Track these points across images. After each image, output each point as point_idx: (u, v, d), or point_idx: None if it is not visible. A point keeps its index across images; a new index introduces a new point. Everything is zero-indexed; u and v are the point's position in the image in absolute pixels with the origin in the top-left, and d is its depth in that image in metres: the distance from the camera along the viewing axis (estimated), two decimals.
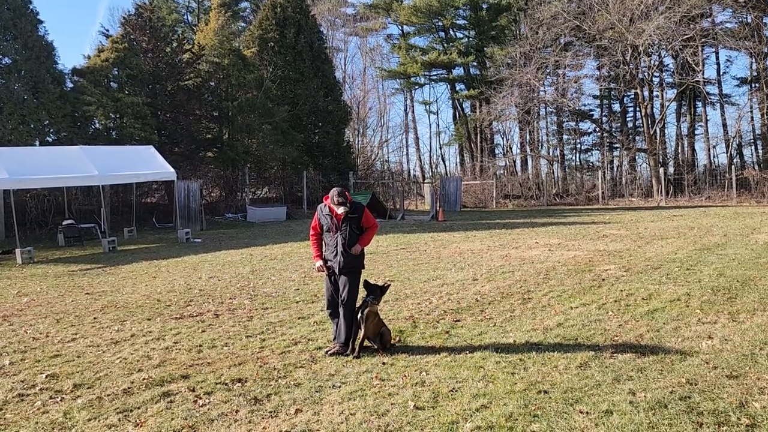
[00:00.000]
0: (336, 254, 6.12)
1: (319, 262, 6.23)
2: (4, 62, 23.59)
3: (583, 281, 9.45)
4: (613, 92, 42.16)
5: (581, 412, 4.37)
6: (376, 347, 6.12)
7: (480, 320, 7.24)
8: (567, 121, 44.95)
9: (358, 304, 6.17)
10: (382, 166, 46.34)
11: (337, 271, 6.13)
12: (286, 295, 9.29)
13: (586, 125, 45.10)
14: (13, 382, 5.54)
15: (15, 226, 16.91)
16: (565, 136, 45.37)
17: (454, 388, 4.95)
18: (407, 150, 52.36)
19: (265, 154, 30.70)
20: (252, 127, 29.86)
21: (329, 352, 6.04)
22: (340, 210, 6.02)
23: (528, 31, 38.86)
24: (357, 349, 5.99)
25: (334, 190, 6.14)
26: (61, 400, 5.05)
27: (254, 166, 31.43)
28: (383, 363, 5.71)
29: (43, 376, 5.70)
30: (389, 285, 6.45)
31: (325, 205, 6.22)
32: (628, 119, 43.88)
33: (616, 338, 6.22)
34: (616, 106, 44.55)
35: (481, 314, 7.55)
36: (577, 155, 46.26)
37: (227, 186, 30.70)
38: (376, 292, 6.20)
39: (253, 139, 30.68)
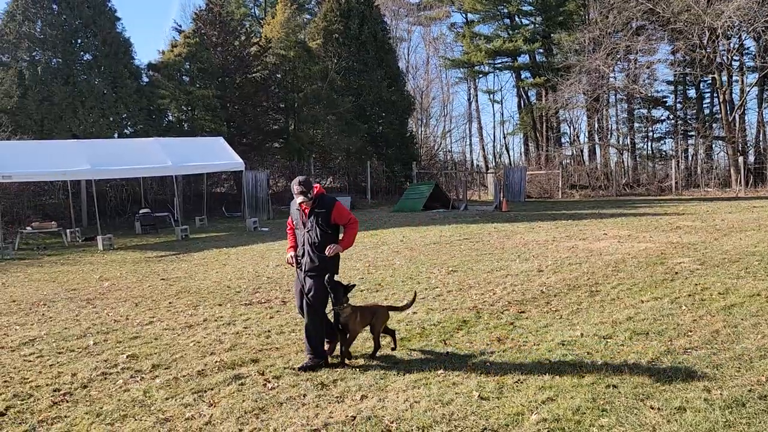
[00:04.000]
0: (303, 254, 5.56)
1: (290, 254, 5.72)
2: (85, 58, 24.90)
3: (654, 274, 9.14)
4: (688, 78, 40.22)
5: (652, 408, 4.26)
6: (393, 347, 5.83)
7: (545, 312, 7.13)
8: (638, 109, 43.23)
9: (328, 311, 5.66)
10: (445, 156, 46.03)
11: (303, 272, 5.56)
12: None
13: (658, 112, 43.28)
14: (97, 362, 5.90)
15: (97, 214, 17.89)
16: (636, 124, 43.67)
17: (519, 380, 4.92)
18: (470, 140, 51.75)
19: (330, 144, 31.11)
20: (317, 118, 30.31)
21: (299, 367, 5.39)
22: (299, 200, 5.42)
23: (597, 16, 37.54)
24: (344, 356, 5.56)
25: (296, 179, 5.51)
26: (140, 380, 5.34)
27: (319, 156, 31.91)
28: (447, 353, 5.73)
29: (124, 356, 6.03)
30: (354, 285, 5.87)
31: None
32: (704, 106, 41.80)
33: (690, 333, 5.99)
34: (692, 92, 42.51)
35: (547, 306, 7.43)
36: (649, 144, 44.51)
37: (293, 176, 31.21)
38: (340, 293, 5.54)
39: (318, 129, 31.15)
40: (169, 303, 8.59)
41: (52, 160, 16.93)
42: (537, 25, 43.40)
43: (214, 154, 20.13)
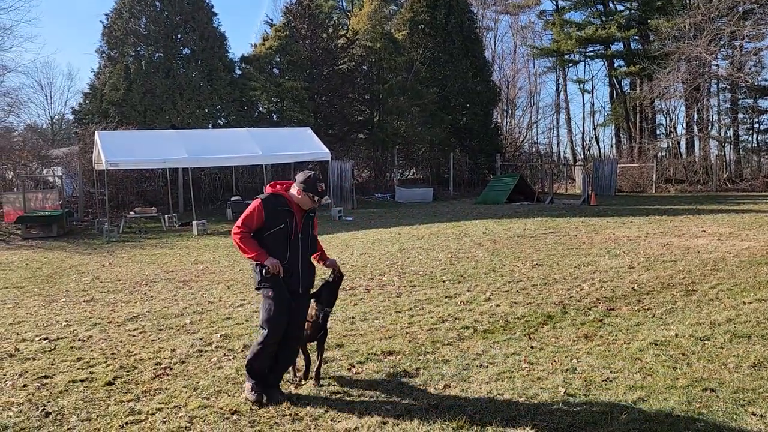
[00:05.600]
0: (299, 268, 4.63)
1: (275, 260, 4.47)
2: (184, 53, 26.19)
3: (758, 275, 8.56)
4: None
5: (754, 415, 4.02)
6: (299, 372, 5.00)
7: (637, 310, 6.86)
8: (743, 98, 40.31)
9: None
10: (531, 148, 44.91)
11: (301, 291, 4.67)
12: (433, 274, 9.45)
13: (766, 102, 40.22)
14: (194, 339, 6.24)
15: (192, 201, 18.85)
16: (740, 115, 40.76)
17: (608, 378, 4.78)
18: (558, 131, 50.17)
19: (414, 135, 31.16)
20: (401, 109, 30.43)
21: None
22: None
23: (699, 0, 35.33)
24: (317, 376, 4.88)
25: (310, 175, 4.56)
26: (233, 358, 5.61)
27: (403, 147, 32.05)
28: (532, 347, 5.64)
29: (218, 335, 6.35)
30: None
31: (279, 196, 4.57)
32: None
33: None
34: None
35: (638, 304, 7.15)
36: (755, 136, 41.44)
37: (377, 167, 31.65)
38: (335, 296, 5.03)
39: (402, 120, 31.27)
40: None
41: (154, 149, 18.01)
42: (633, 11, 41.35)
43: (301, 144, 20.66)
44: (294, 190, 4.59)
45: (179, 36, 26.07)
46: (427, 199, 27.20)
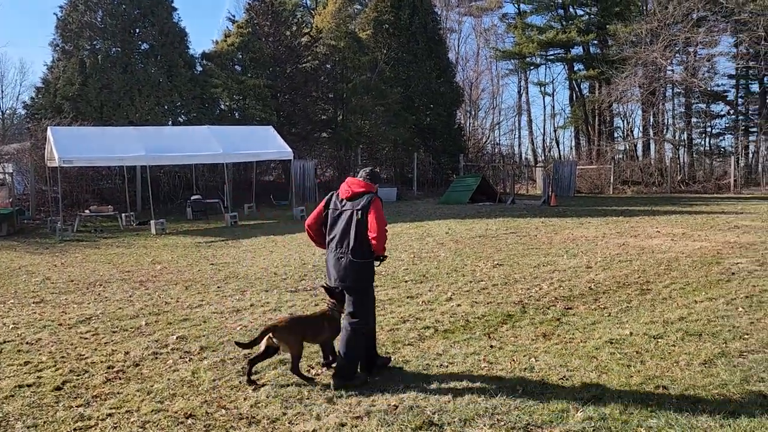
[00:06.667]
0: None
1: None
2: (143, 48, 25.58)
3: (709, 274, 8.82)
4: (751, 71, 38.40)
5: (704, 411, 4.12)
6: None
7: (593, 309, 6.99)
8: (696, 103, 41.58)
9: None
10: (493, 149, 45.41)
11: None
12: (395, 275, 9.45)
13: (718, 107, 41.50)
14: (149, 341, 6.09)
15: (150, 200, 18.43)
16: (693, 119, 42.06)
17: (564, 376, 4.84)
18: (519, 133, 50.89)
19: (378, 135, 31.14)
20: (365, 109, 30.36)
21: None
22: None
23: (656, 6, 36.25)
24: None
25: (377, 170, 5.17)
26: (189, 360, 5.49)
27: (366, 147, 31.97)
28: (491, 346, 5.68)
29: (174, 337, 6.21)
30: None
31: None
32: None
33: (746, 336, 5.77)
34: (755, 87, 40.51)
35: (595, 303, 7.28)
36: (707, 140, 42.81)
37: (340, 166, 31.48)
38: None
39: (366, 120, 31.20)
40: (218, 287, 8.80)
41: (111, 146, 17.52)
42: (592, 16, 42.24)
43: (263, 143, 20.41)
44: (371, 185, 5.08)
45: (137, 30, 25.44)
46: (390, 198, 27.18)
